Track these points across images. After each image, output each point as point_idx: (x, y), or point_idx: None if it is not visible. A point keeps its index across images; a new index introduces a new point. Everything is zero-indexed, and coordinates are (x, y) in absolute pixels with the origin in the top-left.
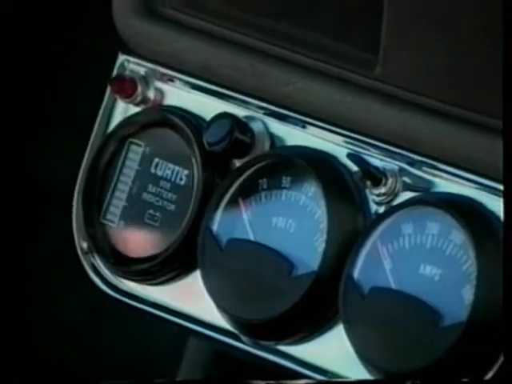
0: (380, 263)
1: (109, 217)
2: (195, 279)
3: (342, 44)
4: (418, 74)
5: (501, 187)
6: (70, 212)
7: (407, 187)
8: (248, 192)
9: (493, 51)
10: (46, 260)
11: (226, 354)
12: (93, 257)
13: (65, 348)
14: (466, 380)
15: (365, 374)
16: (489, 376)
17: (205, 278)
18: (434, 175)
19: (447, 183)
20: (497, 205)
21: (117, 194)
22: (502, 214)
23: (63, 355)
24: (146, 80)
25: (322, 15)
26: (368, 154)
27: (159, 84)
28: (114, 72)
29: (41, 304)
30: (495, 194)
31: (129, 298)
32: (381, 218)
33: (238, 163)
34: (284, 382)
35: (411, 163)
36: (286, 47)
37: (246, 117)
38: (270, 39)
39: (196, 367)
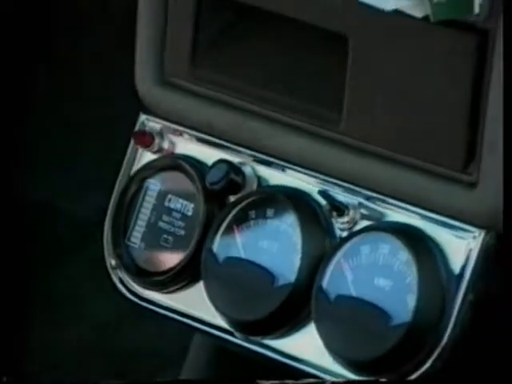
0: (343, 276)
1: (132, 240)
2: (199, 288)
3: (314, 105)
4: (374, 129)
5: (437, 217)
6: (102, 236)
7: (364, 217)
8: (240, 221)
9: (434, 113)
10: (84, 273)
11: (226, 350)
12: (119, 271)
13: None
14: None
15: (330, 362)
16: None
17: (207, 287)
18: (385, 208)
19: (395, 214)
20: (433, 231)
21: (138, 222)
22: (437, 238)
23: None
24: (161, 134)
25: (298, 83)
26: (334, 191)
27: (171, 137)
28: (136, 128)
29: (78, 305)
30: (432, 222)
31: (148, 303)
32: (344, 241)
33: (232, 198)
34: (288, 381)
35: (368, 198)
36: (270, 108)
37: (239, 163)
38: (258, 102)
39: (199, 360)
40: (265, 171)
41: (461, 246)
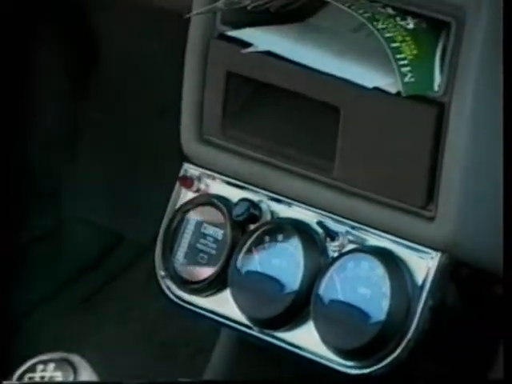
0: (334, 286)
1: (177, 257)
2: (227, 294)
3: (313, 157)
4: (358, 175)
5: (404, 242)
6: (154, 255)
7: (350, 242)
8: (258, 243)
9: (403, 165)
10: (140, 283)
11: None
12: (167, 280)
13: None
14: None
15: (325, 350)
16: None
17: (232, 293)
18: (366, 235)
19: (373, 240)
20: (402, 252)
21: (181, 244)
22: (404, 258)
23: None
24: (199, 178)
25: (301, 141)
26: (328, 222)
27: (207, 181)
28: (181, 173)
29: (135, 306)
30: (401, 246)
31: (187, 305)
32: (335, 259)
33: (252, 227)
34: None
35: (353, 228)
36: (279, 159)
37: (257, 200)
38: (271, 155)
39: (226, 348)
40: (276, 206)
41: (422, 264)
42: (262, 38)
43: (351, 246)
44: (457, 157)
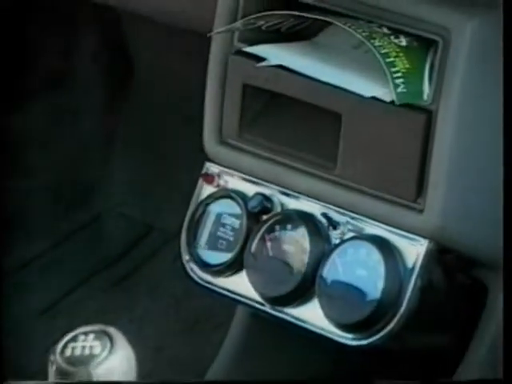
0: (336, 268)
1: (199, 243)
2: (243, 275)
3: (318, 157)
4: (358, 173)
5: (397, 231)
6: (179, 242)
7: (350, 230)
8: (270, 232)
9: (396, 164)
10: (167, 266)
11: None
12: (191, 263)
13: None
14: None
15: (327, 324)
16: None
17: (248, 274)
18: (363, 224)
19: (370, 228)
20: (395, 240)
21: (204, 232)
22: (397, 244)
23: None
24: (219, 175)
25: (308, 143)
26: (331, 213)
27: (226, 177)
28: (203, 171)
29: (163, 285)
30: (394, 234)
31: (209, 285)
32: (337, 246)
33: (264, 217)
34: None
35: (353, 218)
36: (289, 159)
37: (269, 194)
38: (281, 155)
39: (242, 322)
40: (286, 200)
41: (413, 250)
42: (274, 54)
43: (351, 234)
44: (443, 157)
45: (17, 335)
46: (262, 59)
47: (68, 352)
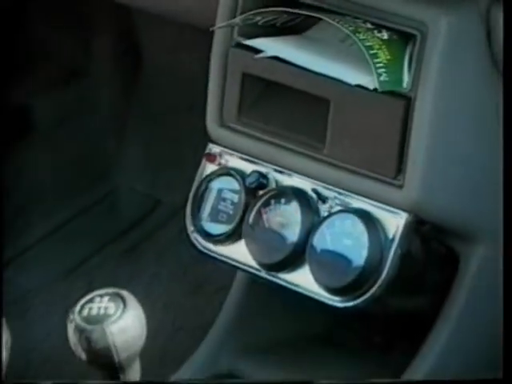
0: (325, 238)
1: (202, 216)
2: (242, 244)
3: (308, 139)
4: (344, 153)
5: (379, 204)
6: (185, 214)
7: (337, 204)
8: (265, 205)
9: (379, 145)
10: (174, 236)
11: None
12: (195, 234)
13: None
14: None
15: (317, 288)
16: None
17: (246, 243)
18: (349, 199)
19: (355, 202)
20: (377, 212)
21: (206, 206)
22: (379, 217)
23: None
24: (220, 155)
25: (300, 126)
26: (320, 189)
27: (226, 157)
28: (206, 151)
29: (172, 253)
30: (376, 207)
31: (211, 253)
32: (325, 218)
33: (261, 192)
34: None
35: (339, 193)
36: (282, 140)
37: (265, 172)
38: (275, 137)
39: (241, 285)
40: (280, 177)
41: (393, 222)
42: (270, 46)
43: (338, 208)
44: (420, 139)
45: (40, 298)
46: (259, 51)
47: (85, 312)
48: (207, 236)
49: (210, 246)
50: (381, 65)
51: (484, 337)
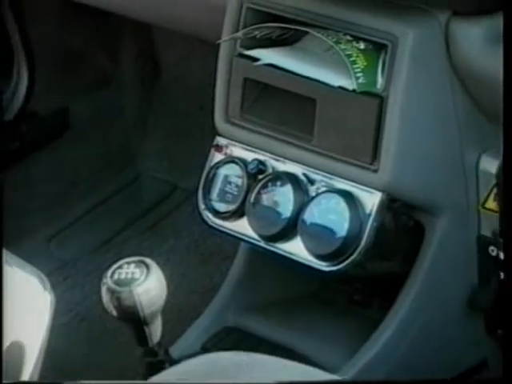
0: (313, 214)
1: (212, 197)
2: (245, 220)
3: (299, 131)
4: (329, 143)
5: (358, 185)
6: (197, 196)
7: (324, 186)
8: (264, 187)
9: (358, 136)
10: (188, 214)
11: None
12: (206, 211)
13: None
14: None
15: (307, 254)
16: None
17: (248, 218)
18: (334, 181)
19: (339, 184)
20: (356, 192)
21: (215, 188)
22: (358, 195)
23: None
24: (226, 146)
25: (291, 121)
26: (309, 174)
27: (232, 148)
28: (214, 143)
29: (185, 228)
30: (355, 188)
31: (219, 227)
32: (314, 197)
33: (260, 177)
34: None
35: (325, 177)
36: (277, 133)
37: (263, 160)
38: (272, 131)
39: (244, 254)
40: (276, 164)
41: (370, 200)
42: (266, 56)
43: (324, 189)
44: (391, 132)
45: (78, 267)
46: (257, 60)
47: (115, 276)
48: (216, 213)
49: (218, 221)
50: (358, 70)
51: (447, 294)
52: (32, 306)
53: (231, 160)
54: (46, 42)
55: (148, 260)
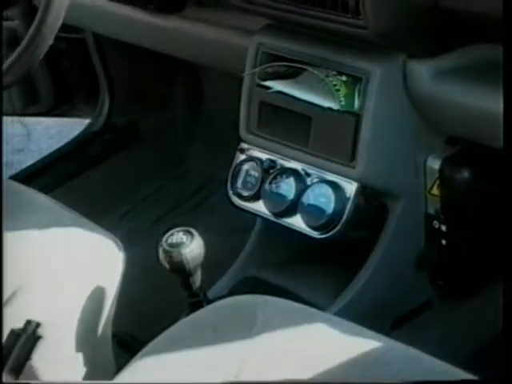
0: (309, 197)
1: (237, 185)
2: (261, 201)
3: (299, 140)
4: (321, 147)
5: (341, 177)
6: (226, 184)
7: (317, 178)
8: (274, 179)
9: (342, 141)
10: (220, 198)
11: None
12: (233, 196)
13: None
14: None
15: (305, 226)
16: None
17: (263, 200)
18: (325, 175)
19: (328, 177)
20: (340, 182)
21: (240, 179)
22: (341, 184)
23: None
24: (248, 149)
25: (293, 132)
26: (307, 169)
27: (251, 151)
28: (239, 147)
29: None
30: (339, 179)
31: (242, 206)
32: (309, 186)
33: (271, 171)
34: None
35: (318, 171)
36: (282, 142)
37: (274, 159)
38: (280, 141)
39: (262, 226)
40: (282, 162)
41: (349, 188)
42: (276, 85)
43: (317, 180)
44: (365, 140)
45: (141, 236)
46: (270, 88)
47: (169, 241)
48: (240, 197)
49: (242, 202)
50: (341, 95)
51: (402, 256)
52: (109, 261)
53: (251, 159)
54: (122, 75)
55: (192, 229)
